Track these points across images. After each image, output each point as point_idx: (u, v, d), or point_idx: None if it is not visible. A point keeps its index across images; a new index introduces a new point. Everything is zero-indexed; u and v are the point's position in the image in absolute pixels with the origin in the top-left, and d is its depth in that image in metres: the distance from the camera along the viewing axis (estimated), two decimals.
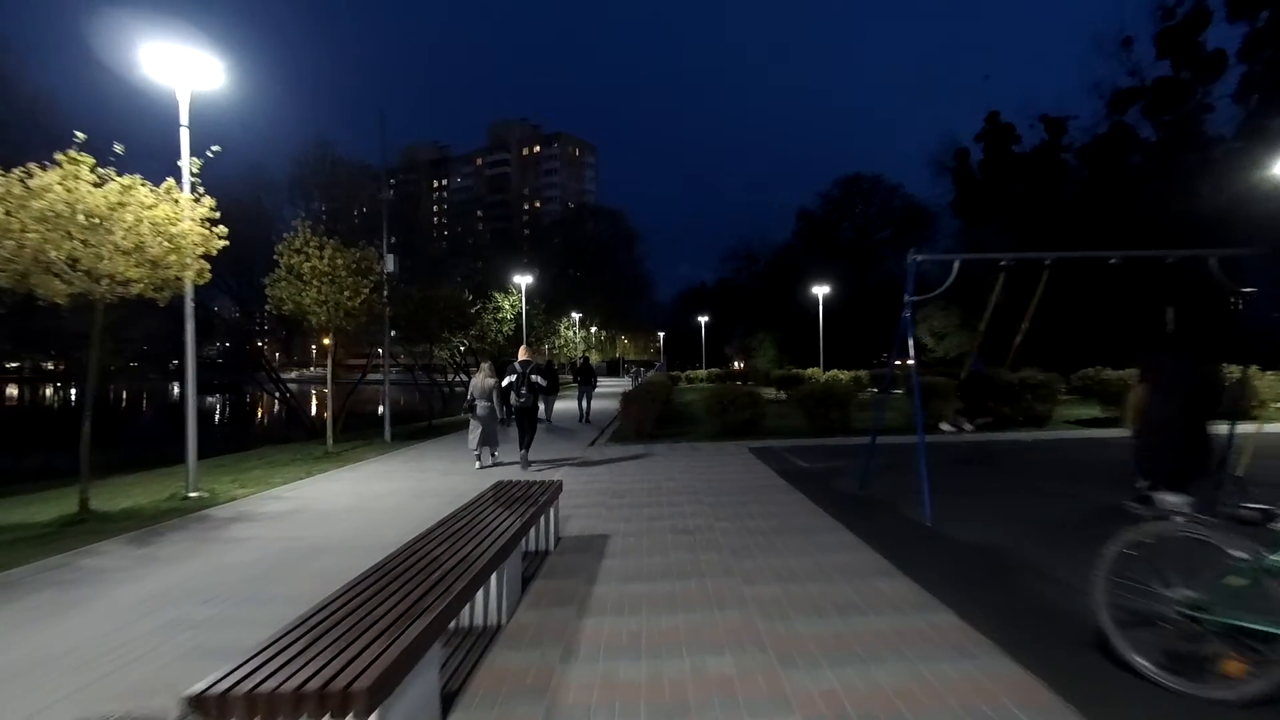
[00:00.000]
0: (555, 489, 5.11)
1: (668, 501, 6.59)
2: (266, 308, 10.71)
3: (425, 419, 20.55)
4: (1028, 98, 70.11)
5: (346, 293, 10.76)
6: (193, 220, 6.78)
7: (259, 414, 39.41)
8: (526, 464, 8.84)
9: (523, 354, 9.03)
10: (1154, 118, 31.06)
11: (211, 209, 7.05)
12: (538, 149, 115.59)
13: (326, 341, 12.47)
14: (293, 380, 36.34)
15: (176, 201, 6.66)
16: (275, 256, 10.62)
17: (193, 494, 7.40)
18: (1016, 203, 36.13)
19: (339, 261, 10.74)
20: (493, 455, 9.33)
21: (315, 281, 10.55)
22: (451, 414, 23.15)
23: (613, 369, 72.23)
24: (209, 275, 7.19)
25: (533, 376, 8.77)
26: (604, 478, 8.16)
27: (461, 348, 22.79)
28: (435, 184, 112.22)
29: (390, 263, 13.07)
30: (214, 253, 7.10)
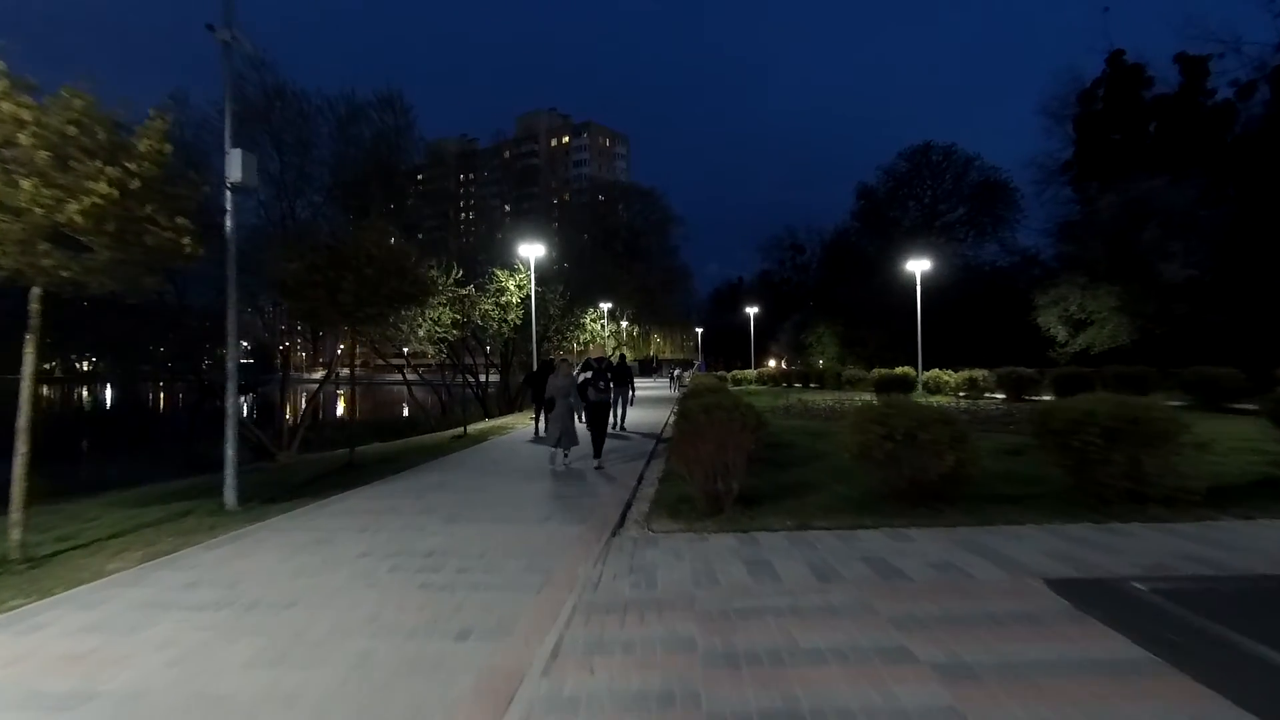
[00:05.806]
0: None
1: None
2: None
3: (396, 437, 14.73)
4: (1160, 30, 57.18)
5: (48, 190, 4.65)
6: None
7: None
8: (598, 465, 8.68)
9: (595, 352, 9.43)
10: None
11: None
12: (566, 139, 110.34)
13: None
14: (314, 382, 31.54)
15: None
16: None
17: None
18: (1160, 154, 28.48)
19: (29, 116, 4.64)
20: (565, 456, 8.86)
21: None
22: (442, 428, 17.17)
23: (645, 369, 65.85)
24: None
25: (607, 374, 9.00)
26: None
27: (447, 338, 16.92)
28: (461, 177, 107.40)
29: (236, 165, 6.96)
30: None
